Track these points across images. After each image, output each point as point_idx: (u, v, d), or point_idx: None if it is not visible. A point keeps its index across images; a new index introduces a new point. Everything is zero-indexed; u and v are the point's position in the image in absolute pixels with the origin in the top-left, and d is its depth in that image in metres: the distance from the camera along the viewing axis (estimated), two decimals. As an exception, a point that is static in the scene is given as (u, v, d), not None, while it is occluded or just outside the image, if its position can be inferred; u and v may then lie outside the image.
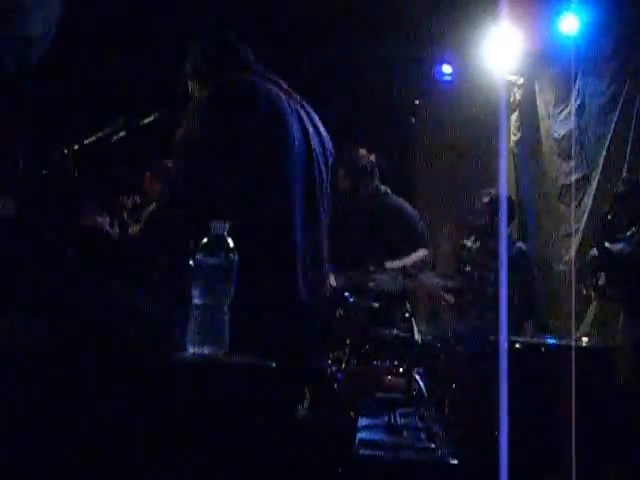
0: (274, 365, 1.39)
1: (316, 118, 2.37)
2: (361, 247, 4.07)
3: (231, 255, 1.41)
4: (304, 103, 2.31)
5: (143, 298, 1.54)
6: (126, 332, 1.42)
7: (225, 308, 1.41)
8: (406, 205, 4.32)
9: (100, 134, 2.68)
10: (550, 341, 3.64)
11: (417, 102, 6.23)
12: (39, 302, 1.50)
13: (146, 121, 2.86)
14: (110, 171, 3.05)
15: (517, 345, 3.52)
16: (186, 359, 1.36)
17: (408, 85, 5.75)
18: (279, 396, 1.47)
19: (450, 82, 5.47)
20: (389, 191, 4.27)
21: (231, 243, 1.42)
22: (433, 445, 2.45)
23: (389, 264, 3.98)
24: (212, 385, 1.35)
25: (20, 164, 2.11)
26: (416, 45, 5.15)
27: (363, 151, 4.20)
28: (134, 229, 2.57)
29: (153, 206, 3.07)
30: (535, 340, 3.75)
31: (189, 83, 2.40)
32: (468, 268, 4.60)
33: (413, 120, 6.31)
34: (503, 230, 4.36)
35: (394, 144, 5.89)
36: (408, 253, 4.10)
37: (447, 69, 5.41)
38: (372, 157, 4.23)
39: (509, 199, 4.61)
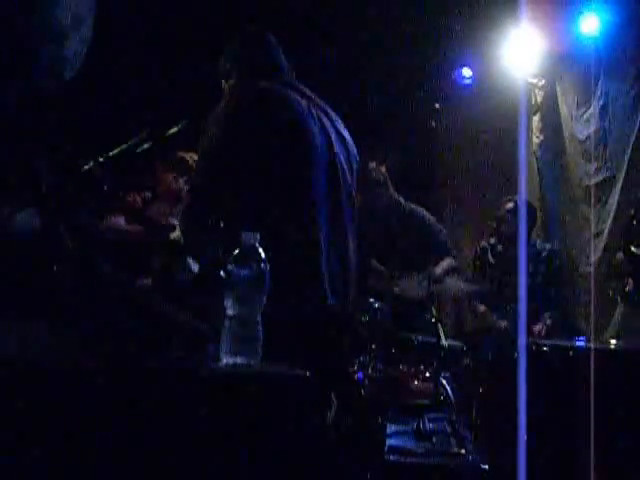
0: (307, 374, 1.40)
1: (340, 124, 2.39)
2: (381, 258, 4.09)
3: (263, 265, 1.43)
4: (327, 109, 2.33)
5: (174, 308, 1.56)
6: (160, 342, 1.44)
7: (258, 318, 1.43)
8: (424, 212, 4.32)
9: (126, 145, 2.71)
10: (578, 344, 3.61)
11: (437, 106, 6.22)
12: (68, 312, 1.53)
13: (171, 132, 2.89)
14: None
15: (544, 348, 3.49)
16: (220, 369, 1.38)
17: (428, 89, 5.75)
18: (311, 404, 1.48)
19: (470, 85, 5.45)
20: (402, 200, 4.28)
21: (262, 253, 1.44)
22: (463, 450, 2.44)
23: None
24: (246, 395, 1.36)
25: (45, 176, 2.14)
26: (436, 49, 5.15)
27: (372, 164, 4.21)
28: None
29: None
30: (562, 342, 3.72)
31: (222, 83, 2.43)
32: (490, 270, 4.60)
33: (434, 124, 6.30)
34: (523, 233, 4.34)
35: (415, 148, 5.89)
36: (430, 260, 4.09)
37: (467, 72, 5.40)
38: (382, 169, 4.24)
39: (530, 205, 4.60)
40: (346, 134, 2.37)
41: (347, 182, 2.29)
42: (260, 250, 1.43)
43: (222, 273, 1.47)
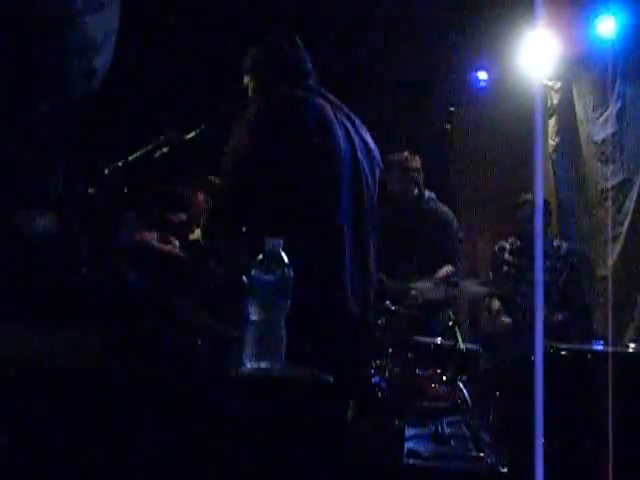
0: (331, 379, 1.41)
1: (364, 130, 2.39)
2: (401, 250, 4.06)
3: (286, 271, 1.44)
4: (351, 115, 2.34)
5: (199, 312, 1.58)
6: (184, 347, 1.45)
7: (282, 323, 1.44)
8: (448, 212, 4.31)
9: (144, 150, 2.73)
10: (596, 347, 3.60)
11: (452, 109, 6.21)
12: (95, 318, 1.54)
13: (189, 136, 2.90)
14: (155, 187, 3.10)
15: (562, 351, 3.48)
16: (244, 373, 1.39)
17: (444, 92, 5.75)
18: (334, 408, 1.49)
19: (486, 88, 5.45)
20: (434, 196, 4.28)
21: (286, 259, 1.45)
22: (482, 454, 2.45)
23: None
24: (270, 398, 1.38)
25: (61, 181, 2.15)
26: (451, 52, 5.15)
27: (408, 153, 4.23)
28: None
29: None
30: (580, 346, 3.71)
31: (246, 84, 2.43)
32: (505, 268, 4.59)
33: (448, 127, 6.30)
34: (539, 233, 4.32)
35: (430, 151, 5.89)
36: (439, 261, 4.08)
37: (483, 76, 5.40)
38: (417, 159, 4.26)
39: (546, 202, 4.57)
40: (370, 141, 2.38)
41: (370, 188, 2.30)
42: (284, 256, 1.45)
43: (245, 278, 1.49)
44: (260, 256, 1.45)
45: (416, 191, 4.19)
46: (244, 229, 2.13)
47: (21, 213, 1.93)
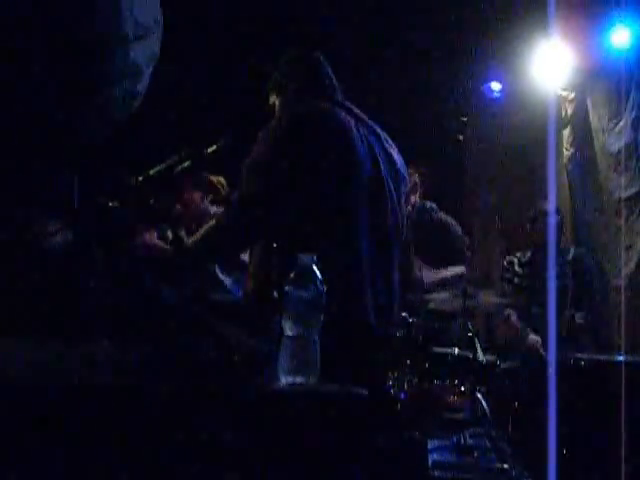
0: (366, 393, 1.43)
1: (388, 144, 2.41)
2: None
3: (320, 286, 1.45)
4: (377, 129, 2.36)
5: (231, 327, 1.59)
6: (219, 362, 1.47)
7: (316, 338, 1.45)
8: (448, 221, 4.32)
9: (165, 164, 2.75)
10: (617, 358, 3.60)
11: (465, 119, 6.23)
12: (131, 334, 1.56)
13: (210, 150, 2.93)
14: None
15: (581, 362, 3.49)
16: (280, 389, 1.41)
17: (457, 103, 5.77)
18: (369, 422, 1.50)
19: (500, 99, 5.47)
20: (435, 206, 4.30)
21: (319, 275, 1.46)
22: (506, 465, 2.45)
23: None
24: (305, 413, 1.39)
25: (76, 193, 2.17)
26: (465, 63, 5.17)
27: (416, 167, 4.25)
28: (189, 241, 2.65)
29: (212, 223, 3.13)
30: (599, 357, 3.71)
31: (271, 96, 2.46)
32: (517, 280, 4.59)
33: (461, 137, 6.32)
34: (552, 244, 4.33)
35: (443, 161, 5.91)
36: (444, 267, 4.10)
37: (496, 86, 5.42)
38: (416, 175, 4.27)
39: (558, 211, 4.56)
40: (396, 156, 2.40)
41: (394, 203, 2.31)
42: (317, 271, 1.46)
43: (276, 294, 1.50)
44: (293, 272, 1.46)
45: (415, 200, 4.22)
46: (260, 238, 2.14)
47: (39, 228, 1.96)
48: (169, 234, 3.27)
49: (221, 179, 3.94)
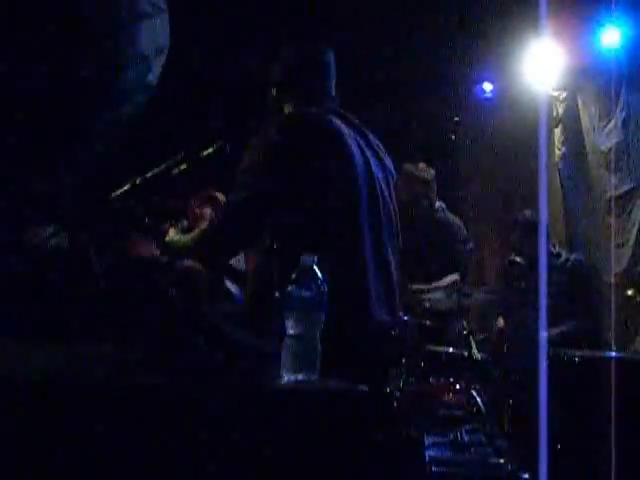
0: (366, 389, 1.46)
1: (375, 143, 2.44)
2: (410, 259, 4.10)
3: (321, 286, 1.49)
4: (365, 131, 2.39)
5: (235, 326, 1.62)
6: (224, 360, 1.50)
7: (317, 336, 1.49)
8: (457, 222, 4.36)
9: (162, 166, 2.77)
10: (608, 354, 3.65)
11: (457, 119, 6.27)
12: (138, 334, 1.59)
13: (206, 153, 2.95)
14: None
15: (575, 359, 3.53)
16: (283, 386, 1.44)
17: (448, 103, 5.80)
18: (372, 419, 1.54)
19: (491, 99, 5.51)
20: (444, 206, 4.33)
21: (320, 275, 1.50)
22: (502, 460, 2.49)
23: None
24: (308, 410, 1.42)
25: (70, 195, 2.18)
26: (456, 64, 5.21)
27: (423, 165, 4.28)
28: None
29: (205, 226, 3.14)
30: (592, 353, 3.75)
31: (270, 92, 2.47)
32: (517, 282, 4.62)
33: (453, 137, 6.35)
34: (543, 246, 4.37)
35: (435, 161, 5.94)
36: (448, 270, 4.12)
37: (488, 87, 5.46)
38: (432, 171, 4.31)
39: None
40: (383, 156, 2.43)
41: (386, 201, 2.35)
42: (318, 271, 1.50)
43: (277, 294, 1.54)
44: (295, 272, 1.50)
45: (426, 201, 4.25)
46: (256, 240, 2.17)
47: (35, 230, 1.98)
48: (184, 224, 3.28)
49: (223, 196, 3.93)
